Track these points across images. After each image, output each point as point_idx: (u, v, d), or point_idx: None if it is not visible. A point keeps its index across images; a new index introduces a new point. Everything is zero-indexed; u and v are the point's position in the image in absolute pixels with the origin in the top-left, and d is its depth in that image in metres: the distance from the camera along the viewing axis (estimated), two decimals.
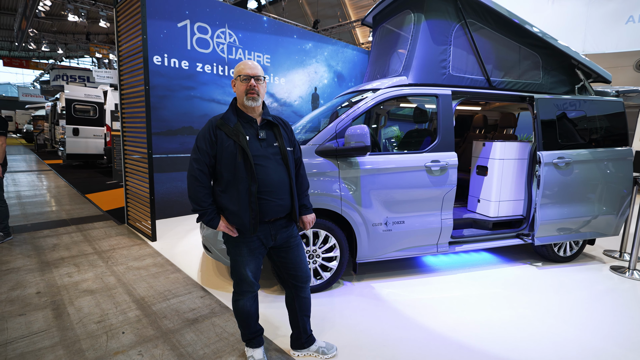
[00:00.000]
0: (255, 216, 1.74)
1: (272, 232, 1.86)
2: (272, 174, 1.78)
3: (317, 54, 7.17)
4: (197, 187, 1.77)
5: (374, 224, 3.01)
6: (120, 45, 4.47)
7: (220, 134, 1.76)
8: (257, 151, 1.76)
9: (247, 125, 1.80)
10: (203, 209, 1.79)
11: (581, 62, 3.73)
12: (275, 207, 1.80)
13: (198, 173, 1.77)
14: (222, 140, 1.75)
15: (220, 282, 3.14)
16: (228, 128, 1.76)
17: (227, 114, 1.82)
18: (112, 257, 3.64)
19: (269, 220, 1.83)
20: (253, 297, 1.95)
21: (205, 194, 1.78)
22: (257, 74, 1.78)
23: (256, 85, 1.76)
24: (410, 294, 3.04)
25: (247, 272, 1.86)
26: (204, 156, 1.77)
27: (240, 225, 1.78)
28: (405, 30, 3.50)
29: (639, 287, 3.34)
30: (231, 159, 1.73)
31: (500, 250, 4.16)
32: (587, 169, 3.65)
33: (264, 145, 1.79)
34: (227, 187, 1.78)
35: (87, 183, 8.17)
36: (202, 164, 1.77)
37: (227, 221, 1.81)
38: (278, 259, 1.99)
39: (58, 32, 22.84)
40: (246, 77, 1.76)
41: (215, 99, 5.62)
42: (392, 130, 4.99)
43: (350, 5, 17.81)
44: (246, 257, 1.85)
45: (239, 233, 1.83)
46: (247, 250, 1.85)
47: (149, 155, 4.01)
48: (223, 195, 1.80)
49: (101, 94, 10.57)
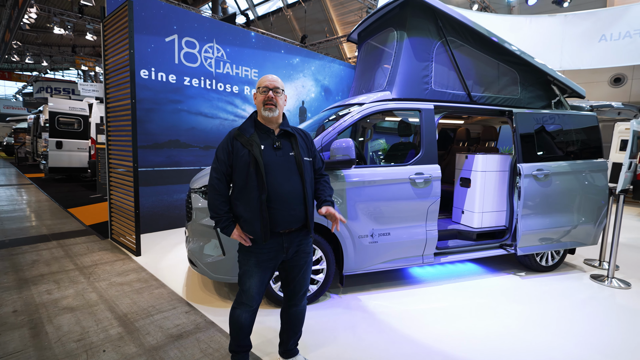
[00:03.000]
0: (266, 224, 1.78)
1: (286, 244, 1.88)
2: (285, 183, 1.81)
3: (304, 68, 7.29)
4: (215, 195, 1.86)
5: (360, 236, 3.03)
6: (107, 59, 4.46)
7: (237, 144, 1.84)
8: (271, 160, 1.81)
9: (264, 136, 1.87)
10: (219, 216, 1.86)
11: (556, 78, 3.91)
12: (287, 217, 1.82)
13: (216, 182, 1.86)
14: (237, 150, 1.83)
15: (206, 297, 3.10)
16: (244, 138, 1.83)
17: (245, 125, 1.90)
18: (94, 273, 3.55)
19: (283, 231, 1.85)
20: (251, 311, 1.94)
21: (222, 202, 1.86)
22: (276, 86, 1.87)
23: (274, 96, 1.85)
24: (396, 306, 3.05)
25: (250, 284, 1.88)
26: (222, 166, 1.86)
27: (252, 233, 1.82)
28: (389, 46, 3.62)
29: (617, 295, 3.43)
30: (244, 168, 1.80)
31: (485, 260, 4.23)
32: (565, 181, 3.78)
33: (279, 154, 1.84)
34: (240, 195, 1.84)
35: (70, 197, 7.98)
36: (220, 173, 1.86)
37: (241, 229, 1.85)
38: (284, 273, 2.00)
39: (43, 44, 22.60)
40: (265, 89, 1.86)
41: (202, 113, 5.63)
42: (377, 143, 5.07)
43: (337, 22, 18.23)
44: (252, 268, 1.87)
45: (252, 243, 1.86)
46: (255, 261, 1.87)
47: (134, 169, 3.97)
48: (237, 204, 1.86)
49: (86, 107, 10.46)
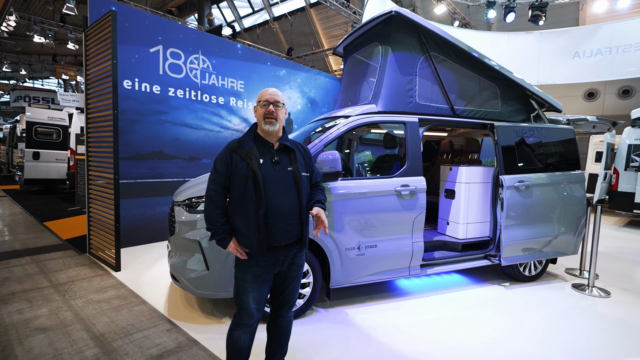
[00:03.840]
0: (263, 239, 1.76)
1: (281, 257, 1.87)
2: (282, 198, 1.81)
3: (290, 80, 7.33)
4: (212, 207, 1.85)
5: (347, 249, 3.01)
6: (89, 69, 4.37)
7: (236, 156, 1.83)
8: (270, 174, 1.80)
9: (264, 150, 1.86)
10: (216, 228, 1.84)
11: (534, 92, 4.04)
12: (283, 232, 1.82)
13: (213, 193, 1.84)
14: (236, 163, 1.82)
15: (188, 314, 3.00)
16: (243, 151, 1.82)
17: (245, 138, 1.89)
18: (70, 290, 3.39)
19: (279, 245, 1.83)
20: (250, 331, 1.88)
21: (218, 214, 1.84)
22: (277, 100, 1.87)
23: (274, 110, 1.84)
24: (384, 319, 3.02)
25: (249, 300, 1.83)
26: (220, 178, 1.84)
27: (248, 247, 1.81)
28: (374, 60, 3.68)
29: (598, 304, 3.51)
30: (242, 181, 1.79)
31: (470, 271, 4.26)
32: (546, 192, 3.88)
33: (277, 168, 1.83)
34: (237, 207, 1.82)
35: (47, 210, 7.68)
36: (217, 185, 1.84)
37: (237, 242, 1.83)
38: (274, 284, 1.97)
39: (22, 52, 22.04)
40: (265, 103, 1.85)
41: (187, 124, 5.56)
42: (364, 155, 5.11)
43: (323, 35, 18.52)
44: (249, 283, 1.84)
45: (248, 256, 1.83)
46: (251, 275, 1.84)
47: (115, 181, 3.86)
48: (234, 216, 1.84)
49: (66, 117, 10.19)
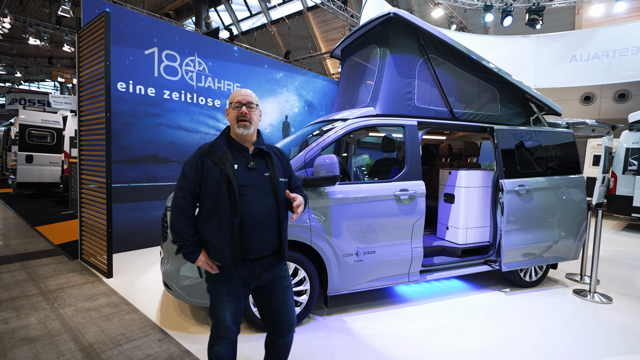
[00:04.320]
0: (237, 251, 1.63)
1: (257, 270, 1.72)
2: (259, 205, 1.68)
3: (287, 83, 7.27)
4: (179, 217, 1.69)
5: (345, 255, 2.94)
6: (82, 71, 4.29)
7: (207, 161, 1.69)
8: (245, 181, 1.67)
9: (238, 154, 1.73)
10: (183, 240, 1.69)
11: (534, 95, 4.00)
12: (260, 242, 1.68)
13: (181, 202, 1.69)
14: (208, 168, 1.67)
15: (181, 323, 2.90)
16: (216, 156, 1.69)
17: (217, 142, 1.75)
18: (59, 298, 3.29)
19: (254, 257, 1.70)
20: (230, 343, 1.79)
21: (186, 224, 1.69)
22: (250, 101, 1.74)
23: (248, 112, 1.71)
24: (383, 327, 2.95)
25: (225, 315, 1.71)
26: (188, 184, 1.69)
27: (221, 260, 1.67)
28: (372, 63, 3.62)
29: (600, 310, 3.44)
30: (215, 188, 1.64)
31: (470, 276, 4.19)
32: (546, 196, 3.83)
33: (253, 174, 1.71)
34: (209, 217, 1.68)
35: (39, 214, 7.55)
36: (186, 192, 1.69)
37: (207, 255, 1.69)
38: (261, 301, 1.83)
39: (18, 55, 21.92)
40: (238, 104, 1.72)
41: (182, 127, 5.48)
42: (362, 158, 5.04)
43: (320, 38, 18.53)
44: (224, 298, 1.71)
45: (220, 270, 1.71)
46: (226, 290, 1.71)
47: (107, 185, 3.77)
48: (205, 227, 1.69)
49: (60, 120, 10.08)
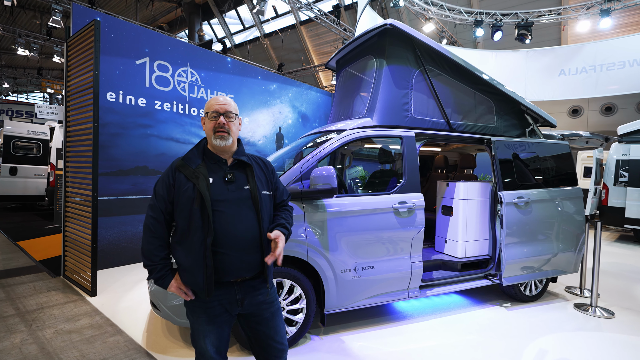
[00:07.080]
0: (211, 275, 1.46)
1: (239, 295, 1.55)
2: (237, 222, 1.51)
3: (281, 94, 7.23)
4: (150, 238, 1.54)
5: (343, 270, 2.81)
6: (69, 80, 4.17)
7: (180, 176, 1.53)
8: (221, 196, 1.51)
9: (214, 167, 1.57)
10: (153, 264, 1.53)
11: (529, 107, 4.00)
12: (239, 264, 1.51)
13: (151, 222, 1.54)
14: (180, 184, 1.52)
15: (168, 345, 2.73)
16: (189, 170, 1.53)
17: (190, 154, 1.59)
18: (38, 319, 3.08)
19: (235, 280, 1.53)
20: None
21: (157, 246, 1.54)
22: (228, 110, 1.58)
23: (226, 122, 1.56)
24: (383, 347, 2.81)
25: (206, 346, 1.54)
26: (159, 202, 1.54)
27: (194, 285, 1.50)
28: (368, 74, 3.58)
29: (603, 325, 3.36)
30: (187, 205, 1.49)
31: (470, 291, 4.08)
32: (545, 208, 3.78)
33: (231, 188, 1.54)
34: (181, 238, 1.52)
35: (22, 228, 7.26)
36: (157, 211, 1.54)
37: (180, 280, 1.53)
38: (248, 329, 1.66)
39: (6, 65, 21.65)
40: (215, 114, 1.56)
41: (174, 138, 5.35)
42: (356, 170, 4.96)
43: (313, 51, 18.70)
44: (205, 327, 1.55)
45: (195, 295, 1.54)
46: (205, 318, 1.54)
47: (93, 198, 3.61)
48: (178, 248, 1.54)
49: (47, 131, 9.85)
